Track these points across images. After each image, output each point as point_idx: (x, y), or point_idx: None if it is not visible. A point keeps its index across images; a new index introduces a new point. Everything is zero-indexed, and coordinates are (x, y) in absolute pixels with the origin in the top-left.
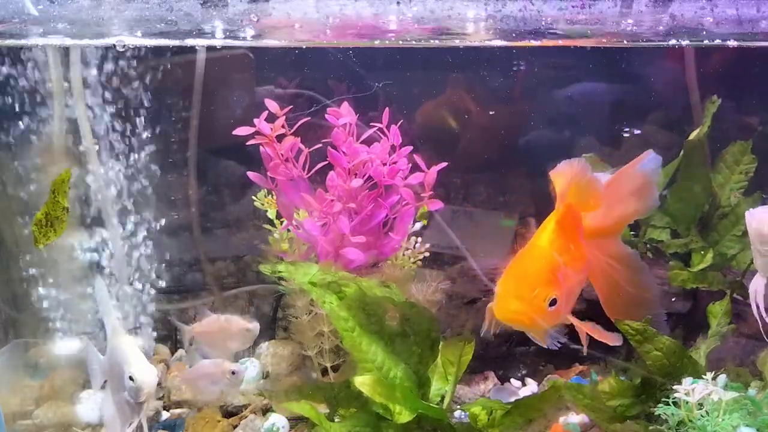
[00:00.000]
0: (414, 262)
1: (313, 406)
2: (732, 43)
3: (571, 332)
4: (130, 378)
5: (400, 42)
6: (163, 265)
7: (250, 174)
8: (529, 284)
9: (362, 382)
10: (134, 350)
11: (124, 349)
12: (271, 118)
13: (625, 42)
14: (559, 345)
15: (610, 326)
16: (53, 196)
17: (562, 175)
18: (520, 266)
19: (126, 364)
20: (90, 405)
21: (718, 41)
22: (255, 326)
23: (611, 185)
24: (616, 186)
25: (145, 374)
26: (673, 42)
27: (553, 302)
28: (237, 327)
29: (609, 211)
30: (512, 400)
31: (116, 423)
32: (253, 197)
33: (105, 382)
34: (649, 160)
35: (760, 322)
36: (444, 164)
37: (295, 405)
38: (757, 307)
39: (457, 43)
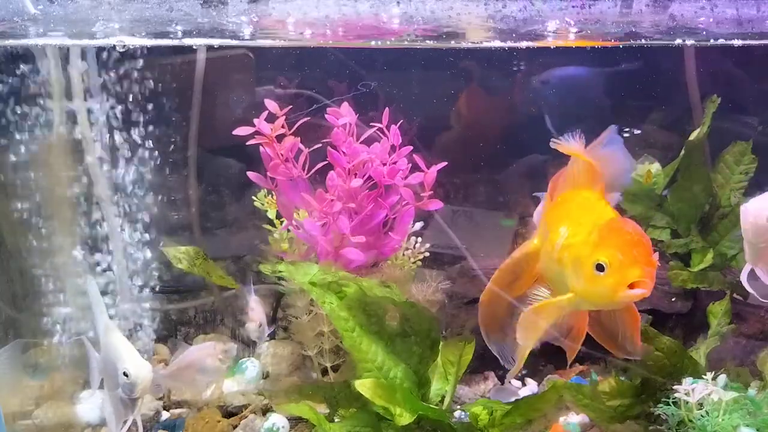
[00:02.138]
0: (414, 262)
1: (312, 407)
2: (732, 42)
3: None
4: (125, 374)
5: (407, 41)
6: (163, 264)
7: (250, 174)
8: (647, 249)
9: (362, 385)
10: (127, 346)
11: (117, 346)
12: (271, 118)
13: (632, 41)
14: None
15: None
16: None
17: (598, 153)
18: (630, 233)
19: (119, 360)
20: (90, 405)
21: (721, 41)
22: (231, 347)
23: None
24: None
25: (140, 369)
26: (672, 42)
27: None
28: (211, 356)
29: None
30: (512, 400)
31: (111, 420)
32: (253, 197)
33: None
34: (610, 139)
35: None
36: (444, 164)
37: (294, 406)
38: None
39: (453, 44)
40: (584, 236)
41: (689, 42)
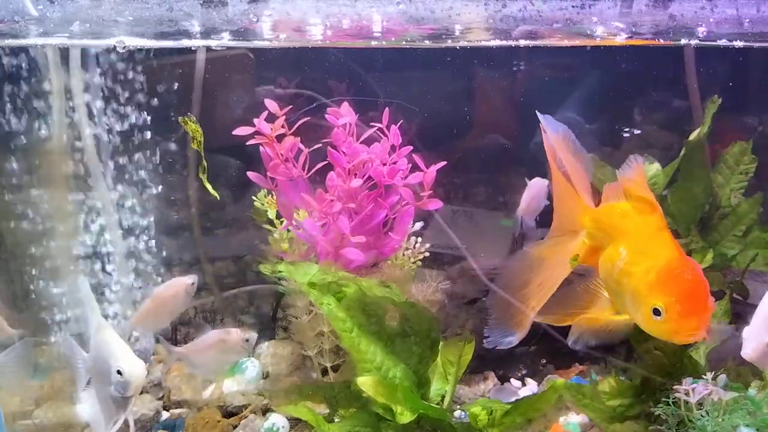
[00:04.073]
0: (414, 262)
1: (310, 409)
2: (733, 43)
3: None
4: (118, 372)
5: (403, 42)
6: (163, 264)
7: (250, 174)
8: (705, 294)
9: (364, 383)
10: (120, 344)
11: (109, 344)
12: (271, 118)
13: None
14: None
15: None
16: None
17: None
18: (689, 280)
19: (112, 358)
20: (90, 405)
21: (724, 41)
22: (252, 336)
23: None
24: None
25: (134, 367)
26: (672, 42)
27: None
28: (234, 340)
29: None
30: (512, 400)
31: (100, 421)
32: (253, 197)
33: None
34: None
35: None
36: (443, 163)
37: (293, 408)
38: None
39: (450, 43)
40: (643, 271)
41: (689, 42)
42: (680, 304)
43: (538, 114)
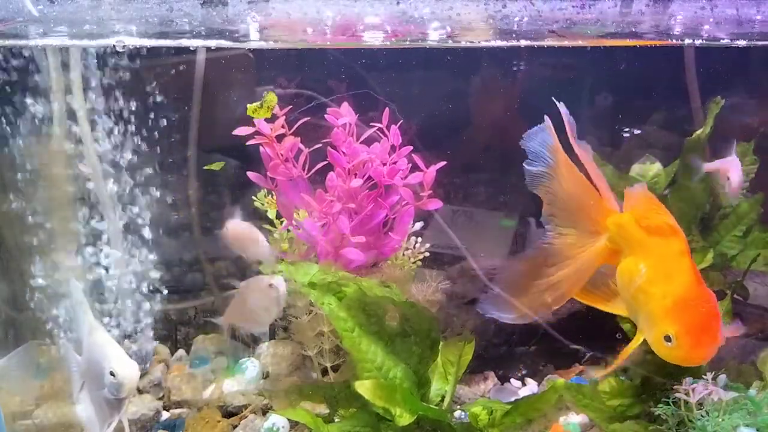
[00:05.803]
0: (414, 262)
1: (308, 412)
2: (733, 43)
3: (571, 331)
4: (111, 373)
5: (408, 42)
6: (163, 265)
7: (250, 174)
8: (717, 325)
9: (362, 386)
10: (113, 345)
11: (102, 346)
12: (271, 118)
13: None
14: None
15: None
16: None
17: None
18: (703, 312)
19: (105, 360)
20: (85, 407)
21: (726, 41)
22: (277, 281)
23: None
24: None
25: (127, 369)
26: (672, 42)
27: None
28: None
29: None
30: (512, 400)
31: (95, 423)
32: (253, 197)
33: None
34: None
35: None
36: (443, 163)
37: (291, 412)
38: None
39: (450, 43)
40: (661, 294)
41: (690, 42)
42: (691, 335)
43: (559, 104)
